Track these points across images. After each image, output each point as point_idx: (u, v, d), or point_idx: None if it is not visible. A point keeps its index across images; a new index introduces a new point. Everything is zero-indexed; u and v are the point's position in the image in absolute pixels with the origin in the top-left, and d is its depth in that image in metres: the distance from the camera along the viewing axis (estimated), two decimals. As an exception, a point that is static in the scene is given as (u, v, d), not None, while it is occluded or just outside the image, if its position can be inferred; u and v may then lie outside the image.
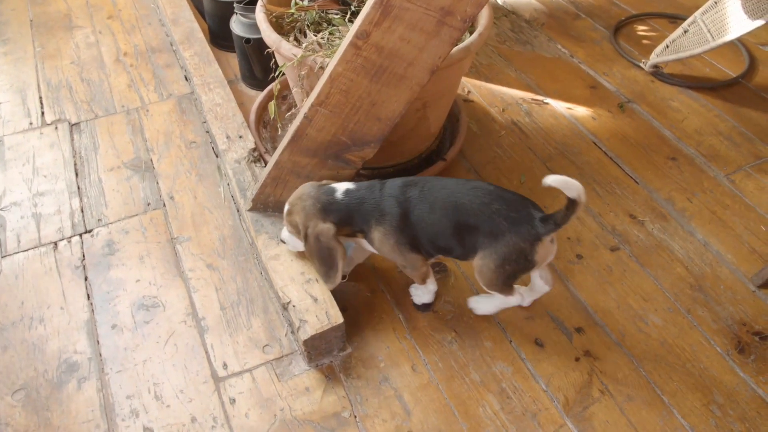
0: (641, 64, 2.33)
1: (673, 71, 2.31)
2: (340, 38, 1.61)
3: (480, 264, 1.38)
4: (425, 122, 1.75)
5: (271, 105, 1.64)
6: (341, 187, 1.44)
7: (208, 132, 2.06)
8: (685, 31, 2.16)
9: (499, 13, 2.65)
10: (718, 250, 1.74)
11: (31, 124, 2.15)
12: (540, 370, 1.50)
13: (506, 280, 1.40)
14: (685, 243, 1.76)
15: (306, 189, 1.45)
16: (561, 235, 1.77)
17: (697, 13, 2.14)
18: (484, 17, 1.66)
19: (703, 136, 2.07)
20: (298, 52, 1.53)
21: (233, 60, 2.37)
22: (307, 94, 1.58)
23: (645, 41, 2.47)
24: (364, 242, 1.48)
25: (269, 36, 1.59)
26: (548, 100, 2.22)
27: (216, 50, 2.42)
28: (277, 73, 1.61)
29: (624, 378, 1.48)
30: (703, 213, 1.84)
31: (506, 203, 1.35)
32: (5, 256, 1.75)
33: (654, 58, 2.26)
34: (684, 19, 2.24)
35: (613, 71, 2.33)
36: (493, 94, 2.25)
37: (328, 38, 1.60)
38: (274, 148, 1.96)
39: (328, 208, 1.42)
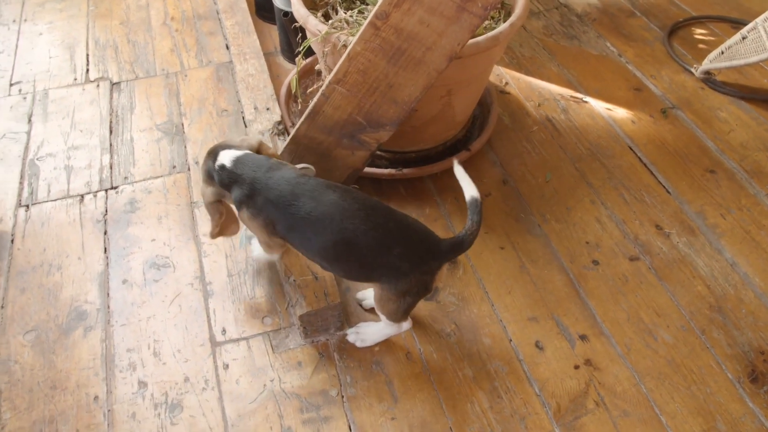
0: (692, 70, 2.21)
1: (726, 79, 2.19)
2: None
3: (380, 294, 1.34)
4: (450, 110, 1.72)
5: (294, 80, 1.64)
6: (230, 155, 1.37)
7: (239, 101, 2.09)
8: (744, 38, 2.04)
9: (550, 4, 2.56)
10: (746, 271, 1.65)
11: (75, 79, 2.22)
12: (536, 373, 1.47)
13: (407, 309, 1.36)
14: (710, 260, 1.68)
15: (211, 147, 1.43)
16: (579, 239, 1.72)
17: (759, 19, 2.01)
18: (519, 7, 1.61)
19: (749, 150, 1.96)
20: (324, 28, 1.52)
21: (275, 32, 2.39)
22: (330, 72, 1.57)
23: (701, 45, 2.35)
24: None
25: (298, 10, 1.59)
26: (588, 98, 2.14)
27: (260, 22, 2.43)
28: (301, 48, 1.61)
29: (623, 392, 1.43)
30: (736, 231, 1.74)
31: (407, 245, 1.27)
32: (35, 203, 1.83)
33: (707, 63, 2.15)
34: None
35: (661, 74, 2.23)
36: (531, 88, 2.19)
37: (356, 17, 1.58)
38: (301, 123, 1.97)
39: (212, 173, 1.40)
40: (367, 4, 1.69)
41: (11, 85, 2.21)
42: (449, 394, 1.44)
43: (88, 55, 2.33)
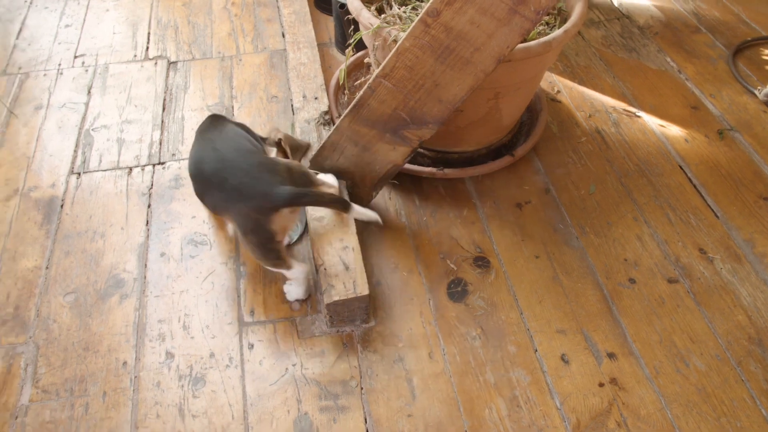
0: (756, 92, 2.13)
1: (791, 105, 2.10)
2: (422, 14, 1.59)
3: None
4: (496, 113, 1.70)
5: (342, 70, 1.65)
6: None
7: (290, 89, 2.11)
8: (813, 63, 1.96)
9: (611, 15, 2.51)
10: (792, 305, 1.59)
11: (135, 56, 2.30)
12: (559, 386, 1.44)
13: (259, 251, 1.42)
14: (755, 290, 1.62)
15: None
16: (617, 255, 1.68)
17: (831, 45, 1.92)
18: (576, 14, 1.58)
19: (808, 180, 1.88)
20: (375, 22, 1.53)
21: (332, 24, 2.41)
22: (378, 66, 1.58)
23: (768, 67, 2.27)
24: None
25: (352, 2, 1.60)
26: (641, 113, 2.09)
27: (317, 12, 2.46)
28: (352, 40, 1.62)
29: (647, 416, 1.40)
30: (785, 262, 1.68)
31: (243, 173, 1.37)
32: (86, 172, 1.90)
33: (772, 87, 2.07)
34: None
35: (721, 94, 2.15)
36: (583, 98, 2.15)
37: (409, 13, 1.59)
38: (347, 115, 1.98)
39: None
40: (422, 2, 1.69)
41: (75, 57, 2.30)
42: (468, 397, 1.43)
43: (149, 33, 2.40)
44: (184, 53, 2.30)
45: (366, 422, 1.38)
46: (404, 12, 1.58)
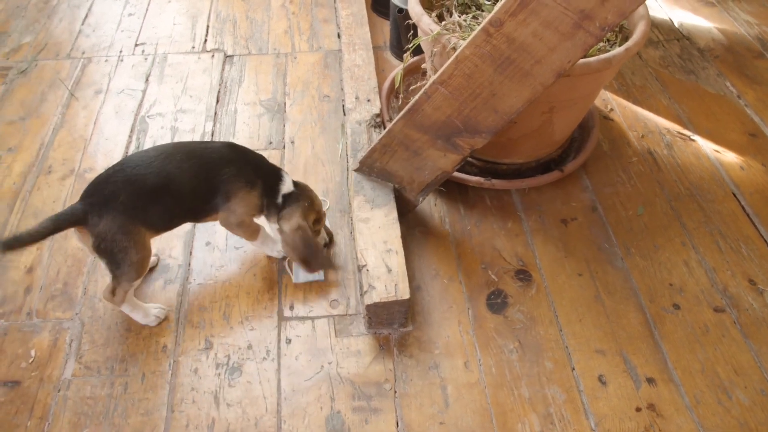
0: (818, 123, 2.07)
1: None
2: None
3: None
4: (549, 127, 1.69)
5: (398, 74, 1.66)
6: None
7: (342, 89, 2.14)
8: None
9: (671, 35, 2.46)
10: (844, 345, 1.53)
11: (193, 48, 2.35)
12: (595, 407, 1.42)
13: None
14: (805, 326, 1.57)
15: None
16: (663, 279, 1.65)
17: None
18: (638, 33, 1.56)
19: None
20: (436, 28, 1.53)
21: (387, 27, 2.42)
22: (435, 72, 1.58)
23: (832, 99, 2.20)
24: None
25: (414, 8, 1.61)
26: (695, 137, 2.05)
27: (373, 15, 2.48)
28: (411, 45, 1.63)
29: (684, 445, 1.37)
30: (839, 300, 1.62)
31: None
32: (140, 157, 1.94)
33: (835, 119, 2.00)
34: None
35: (781, 123, 2.10)
36: (636, 118, 2.11)
37: (470, 21, 1.59)
38: (397, 119, 1.99)
39: None
40: (482, 11, 1.69)
41: (136, 45, 2.36)
42: (501, 410, 1.42)
43: (208, 26, 2.45)
44: (241, 47, 2.34)
45: (398, 426, 1.38)
46: (464, 20, 1.58)
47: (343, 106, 2.09)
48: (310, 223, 1.54)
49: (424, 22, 1.57)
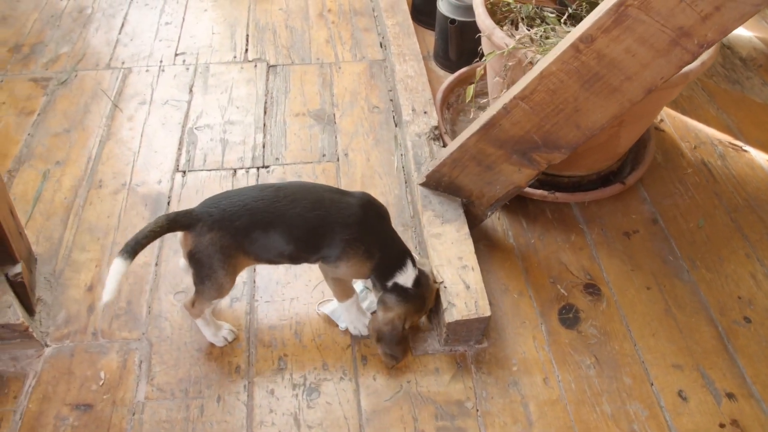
0: None
1: None
2: (554, 38, 1.58)
3: None
4: (616, 140, 1.68)
5: (470, 88, 1.65)
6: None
7: (392, 101, 2.11)
8: None
9: (711, 44, 2.47)
10: None
11: (234, 57, 2.31)
12: (678, 424, 1.41)
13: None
14: None
15: None
16: (731, 292, 1.65)
17: None
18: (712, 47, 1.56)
19: None
20: (510, 42, 1.52)
21: (429, 37, 2.41)
22: (508, 86, 1.57)
23: None
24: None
25: (484, 21, 1.60)
26: (747, 147, 2.05)
27: (414, 25, 2.46)
28: (483, 58, 1.61)
29: (771, 461, 1.36)
30: None
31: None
32: (191, 170, 1.91)
33: None
34: None
35: (831, 133, 2.11)
36: (687, 128, 2.12)
37: (542, 35, 1.57)
38: (453, 131, 1.98)
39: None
40: (547, 23, 1.68)
41: (176, 55, 2.32)
42: (585, 427, 1.41)
43: (247, 35, 2.42)
44: (283, 57, 2.31)
45: (485, 446, 1.37)
46: (536, 34, 1.57)
47: (394, 117, 2.07)
48: (407, 324, 1.43)
49: (497, 35, 1.56)
